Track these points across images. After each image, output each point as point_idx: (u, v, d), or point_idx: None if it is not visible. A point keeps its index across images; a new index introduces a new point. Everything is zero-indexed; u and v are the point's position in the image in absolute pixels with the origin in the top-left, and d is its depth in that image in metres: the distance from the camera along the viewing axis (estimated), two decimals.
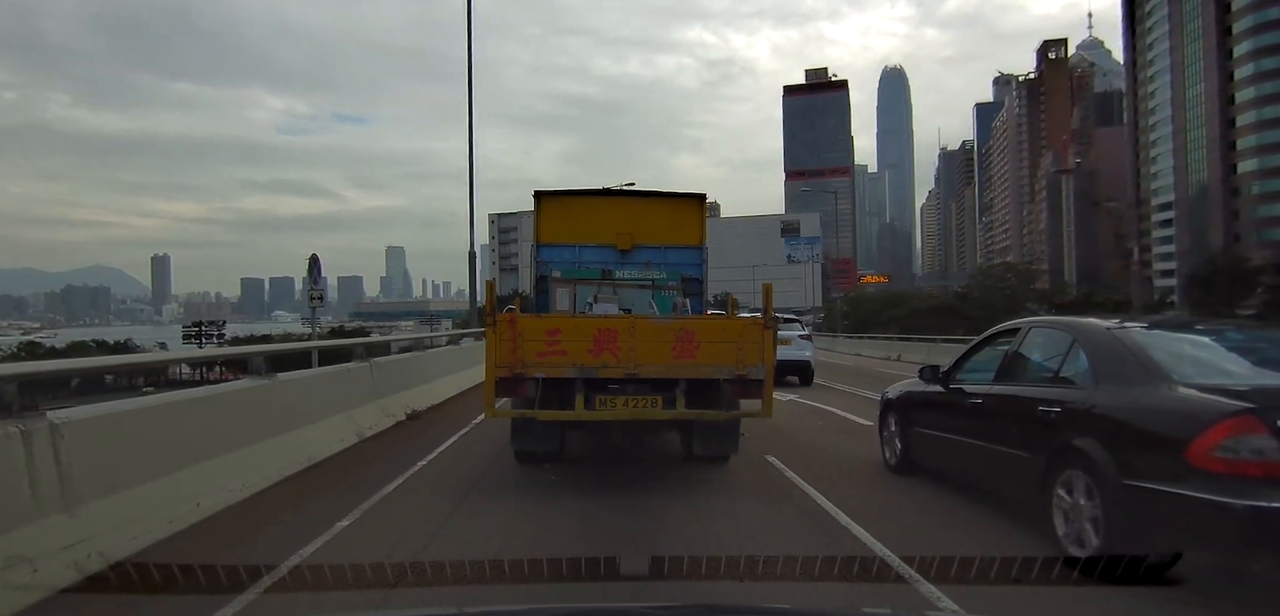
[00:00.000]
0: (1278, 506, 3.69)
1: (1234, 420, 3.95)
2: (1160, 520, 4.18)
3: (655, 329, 6.92)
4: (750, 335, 6.77)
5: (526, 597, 4.27)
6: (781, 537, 5.38)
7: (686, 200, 9.39)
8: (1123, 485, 4.33)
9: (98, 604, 4.08)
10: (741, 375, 6.71)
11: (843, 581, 4.39)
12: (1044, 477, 5.00)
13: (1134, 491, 4.27)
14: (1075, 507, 4.69)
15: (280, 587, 4.20)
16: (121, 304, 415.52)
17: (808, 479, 7.12)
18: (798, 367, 17.73)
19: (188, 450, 5.68)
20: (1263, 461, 3.79)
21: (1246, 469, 3.83)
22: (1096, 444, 4.61)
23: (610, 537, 5.45)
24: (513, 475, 7.39)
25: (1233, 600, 4.12)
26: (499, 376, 6.67)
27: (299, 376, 8.52)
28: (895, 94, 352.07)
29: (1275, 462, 3.77)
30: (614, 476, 7.39)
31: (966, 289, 57.89)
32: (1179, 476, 4.04)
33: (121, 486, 4.86)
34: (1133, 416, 4.58)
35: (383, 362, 11.41)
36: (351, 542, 5.15)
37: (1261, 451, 3.81)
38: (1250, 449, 3.85)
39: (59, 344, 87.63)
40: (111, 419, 5.12)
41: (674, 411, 6.71)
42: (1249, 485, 3.80)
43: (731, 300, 8.83)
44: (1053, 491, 4.90)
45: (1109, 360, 5.03)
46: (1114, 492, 4.37)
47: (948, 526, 5.79)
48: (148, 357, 28.21)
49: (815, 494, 6.57)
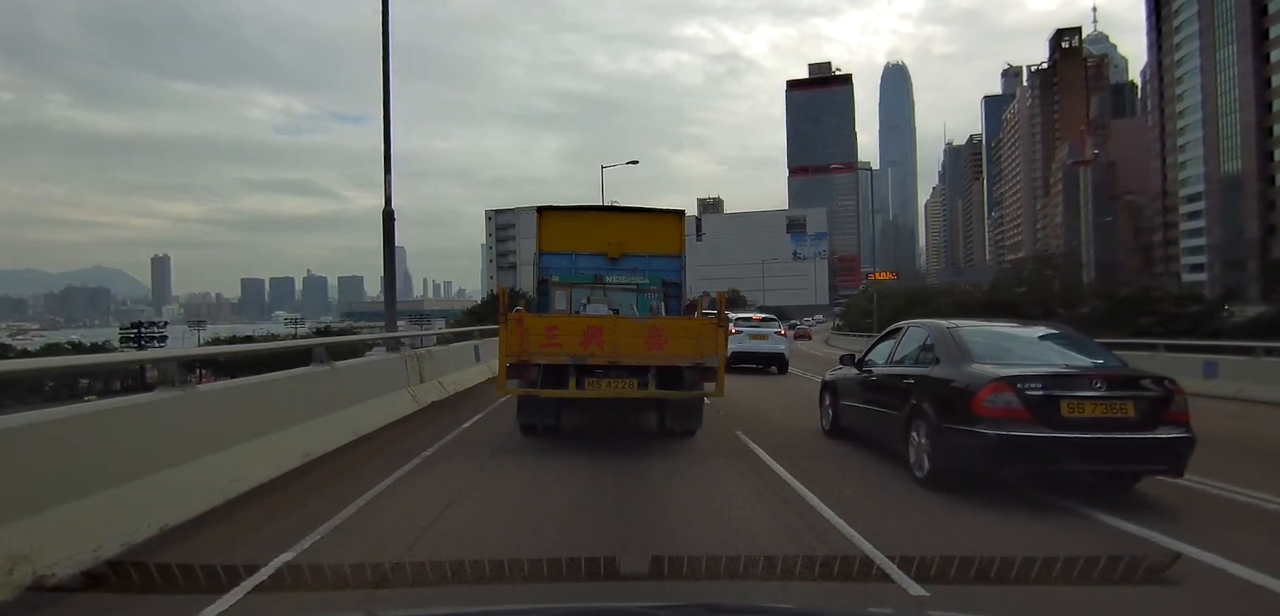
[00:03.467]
0: (1013, 434, 6.03)
1: (994, 384, 6.22)
2: (959, 448, 6.39)
3: (632, 326, 8.48)
4: (707, 332, 8.40)
5: (526, 597, 4.27)
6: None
7: (667, 215, 10.77)
8: (942, 426, 6.60)
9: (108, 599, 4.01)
10: (699, 363, 8.31)
11: (842, 580, 4.49)
12: (904, 427, 7.19)
13: (947, 430, 6.53)
14: (918, 445, 6.93)
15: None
16: (121, 305, 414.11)
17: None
18: (774, 358, 21.52)
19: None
20: (1008, 409, 6.10)
21: (999, 413, 6.12)
22: (929, 401, 6.89)
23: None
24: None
25: (1232, 600, 4.27)
26: (509, 362, 8.26)
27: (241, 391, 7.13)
28: (897, 90, 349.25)
29: (1014, 410, 6.07)
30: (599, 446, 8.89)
31: (994, 285, 54.83)
32: (968, 419, 6.27)
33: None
34: (949, 382, 6.76)
35: (345, 368, 9.53)
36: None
37: (1008, 402, 6.11)
38: (1002, 401, 6.13)
39: (32, 346, 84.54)
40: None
41: (647, 391, 8.31)
42: (1000, 422, 6.09)
43: (699, 302, 10.90)
44: (908, 435, 7.10)
45: (944, 347, 7.23)
46: (937, 431, 6.65)
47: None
48: (84, 360, 24.83)
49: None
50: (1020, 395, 6.02)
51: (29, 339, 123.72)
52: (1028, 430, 5.96)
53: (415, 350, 12.71)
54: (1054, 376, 6.23)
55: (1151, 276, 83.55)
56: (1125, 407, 6.07)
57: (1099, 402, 6.03)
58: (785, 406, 13.23)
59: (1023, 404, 6.01)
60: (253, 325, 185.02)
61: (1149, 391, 6.17)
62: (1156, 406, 6.11)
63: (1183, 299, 37.33)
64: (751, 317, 23.67)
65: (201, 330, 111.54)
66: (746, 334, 21.53)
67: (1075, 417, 5.96)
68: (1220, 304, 37.51)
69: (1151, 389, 6.18)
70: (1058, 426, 5.94)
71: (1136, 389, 6.19)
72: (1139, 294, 38.02)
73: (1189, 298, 38.11)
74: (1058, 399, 6.01)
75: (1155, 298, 35.82)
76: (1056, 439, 5.92)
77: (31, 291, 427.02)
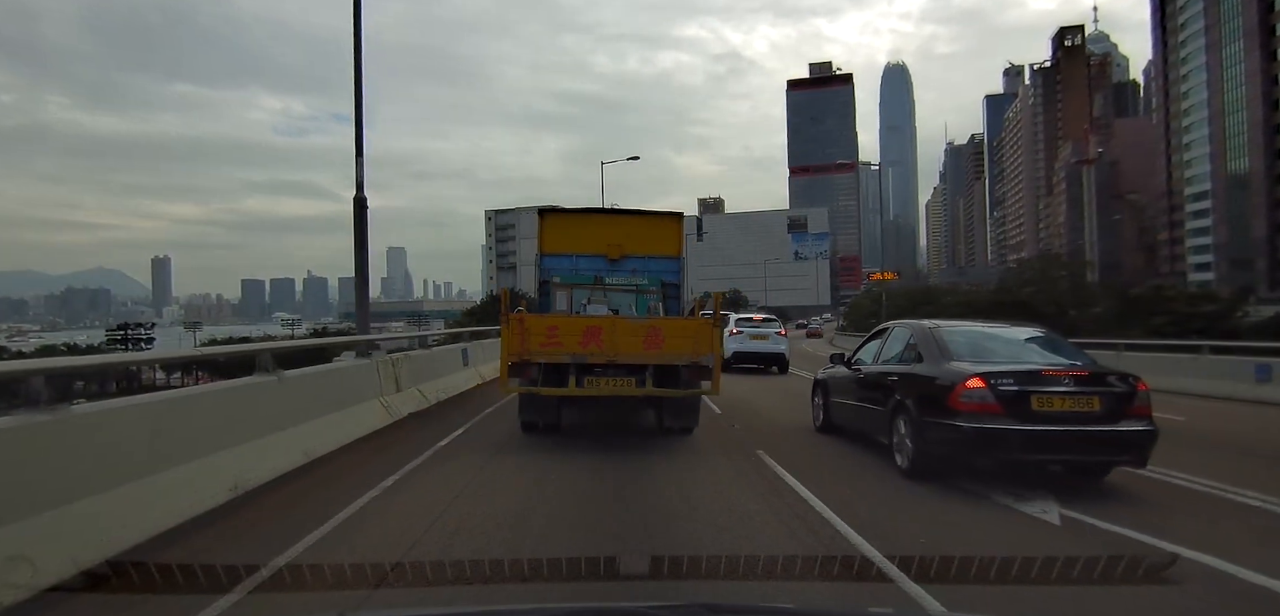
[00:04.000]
0: (987, 427, 6.40)
1: (970, 379, 6.58)
2: (938, 439, 6.78)
3: (630, 326, 8.81)
4: (702, 332, 8.73)
5: (526, 597, 4.21)
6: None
7: (666, 217, 10.90)
8: (922, 420, 7.02)
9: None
10: (695, 362, 8.59)
11: (843, 580, 4.48)
12: (888, 421, 7.63)
13: (927, 423, 6.94)
14: (901, 437, 7.34)
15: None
16: (122, 306, 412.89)
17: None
18: (775, 358, 21.52)
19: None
20: (982, 403, 6.46)
21: (974, 407, 6.48)
22: (912, 397, 7.31)
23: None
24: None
25: (1231, 600, 4.23)
26: (511, 361, 8.55)
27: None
28: (897, 90, 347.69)
29: (988, 404, 6.44)
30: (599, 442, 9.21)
31: (1001, 285, 54.33)
32: (946, 412, 6.66)
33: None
34: (930, 379, 7.18)
35: (298, 379, 8.26)
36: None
37: (982, 397, 6.47)
38: (977, 396, 6.50)
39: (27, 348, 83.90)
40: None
41: (644, 389, 8.62)
42: (975, 416, 6.47)
43: (696, 302, 10.97)
44: (892, 428, 7.52)
45: (926, 346, 7.65)
46: (918, 425, 7.06)
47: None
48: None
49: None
50: (994, 390, 6.44)
51: (25, 341, 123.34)
52: (1000, 423, 6.38)
53: (392, 355, 11.80)
54: (1026, 373, 6.64)
55: (1157, 275, 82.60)
56: (1092, 402, 6.50)
57: (1067, 397, 6.45)
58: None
59: (996, 399, 6.42)
60: (252, 327, 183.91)
61: (1114, 388, 6.62)
62: (1121, 401, 6.56)
63: (1196, 298, 36.49)
64: (752, 318, 23.70)
65: (197, 331, 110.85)
66: (747, 334, 21.63)
67: (1044, 411, 6.38)
68: (1237, 302, 36.47)
69: (1117, 385, 6.64)
70: (1028, 419, 6.36)
71: (1102, 385, 6.63)
72: (1151, 293, 37.13)
73: (1202, 297, 37.21)
74: (1028, 394, 6.41)
75: (1168, 297, 34.96)
76: (1027, 431, 6.34)
77: (32, 293, 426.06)
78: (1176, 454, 7.88)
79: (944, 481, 6.75)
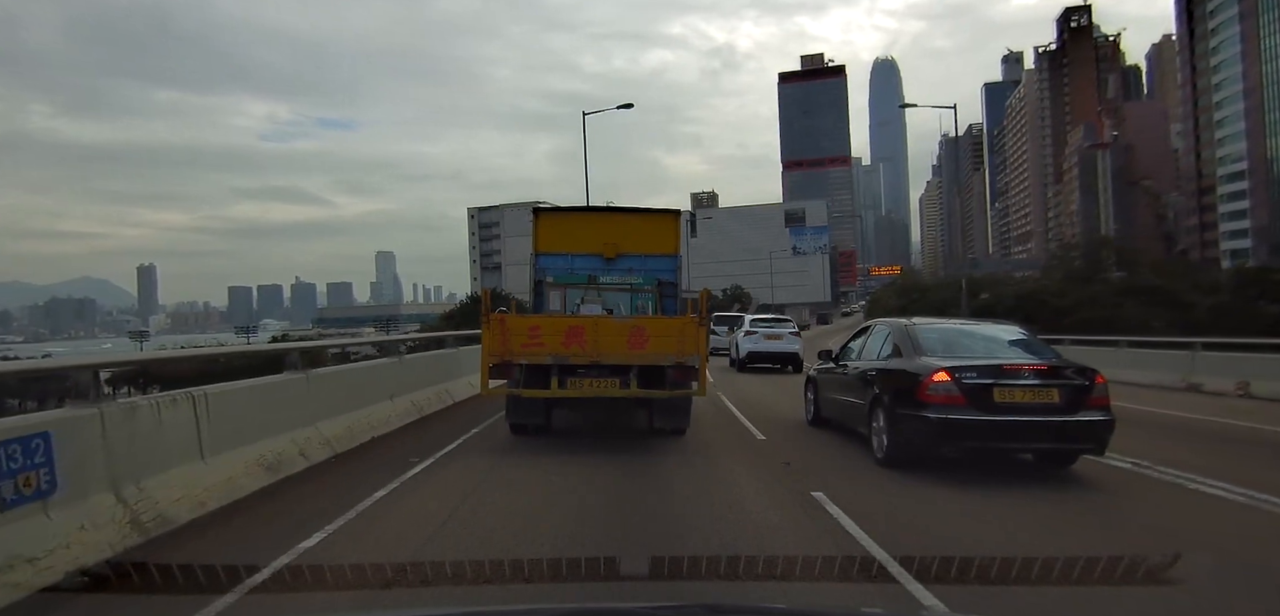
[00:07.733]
0: (952, 417, 6.91)
1: (937, 373, 7.06)
2: (909, 430, 7.28)
3: (614, 326, 8.91)
4: (688, 332, 8.65)
5: (526, 597, 4.26)
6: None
7: (663, 214, 11.13)
8: (895, 411, 7.51)
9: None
10: (681, 362, 8.59)
11: (843, 581, 4.49)
12: (867, 413, 8.11)
13: (899, 415, 7.42)
14: (878, 429, 7.81)
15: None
16: (108, 315, 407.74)
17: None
18: (790, 358, 21.24)
19: None
20: (948, 396, 6.94)
21: (940, 399, 6.97)
22: (888, 390, 7.79)
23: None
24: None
25: (1231, 600, 4.26)
26: (491, 362, 8.61)
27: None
28: (887, 85, 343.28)
29: (953, 396, 6.92)
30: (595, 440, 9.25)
31: (1047, 271, 49.99)
32: (915, 405, 7.16)
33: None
34: (903, 373, 7.68)
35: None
36: None
37: (948, 390, 6.95)
38: (943, 389, 6.97)
39: None
40: None
41: (629, 390, 8.61)
42: (940, 407, 6.95)
43: (689, 302, 10.51)
44: (870, 421, 8.02)
45: (902, 342, 8.17)
46: (892, 416, 7.54)
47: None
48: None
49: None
50: (958, 383, 6.99)
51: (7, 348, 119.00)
52: (964, 414, 6.95)
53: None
54: (989, 367, 7.18)
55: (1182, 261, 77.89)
56: (1051, 394, 7.03)
57: (1027, 390, 7.03)
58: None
59: (960, 391, 6.97)
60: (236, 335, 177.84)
61: (1073, 381, 7.13)
62: (1080, 393, 7.07)
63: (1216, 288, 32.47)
64: (765, 318, 24.19)
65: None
66: (762, 334, 21.87)
67: (1006, 402, 6.95)
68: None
69: (1075, 379, 7.15)
70: (990, 410, 6.93)
71: (1061, 379, 7.15)
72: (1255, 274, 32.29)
73: None
74: (991, 387, 6.97)
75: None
76: (989, 421, 6.92)
77: (17, 304, 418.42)
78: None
79: (918, 469, 7.16)
